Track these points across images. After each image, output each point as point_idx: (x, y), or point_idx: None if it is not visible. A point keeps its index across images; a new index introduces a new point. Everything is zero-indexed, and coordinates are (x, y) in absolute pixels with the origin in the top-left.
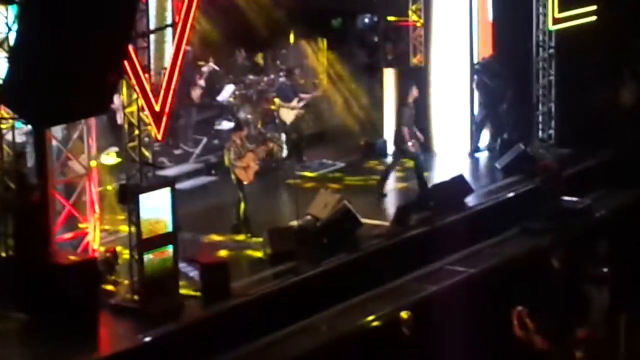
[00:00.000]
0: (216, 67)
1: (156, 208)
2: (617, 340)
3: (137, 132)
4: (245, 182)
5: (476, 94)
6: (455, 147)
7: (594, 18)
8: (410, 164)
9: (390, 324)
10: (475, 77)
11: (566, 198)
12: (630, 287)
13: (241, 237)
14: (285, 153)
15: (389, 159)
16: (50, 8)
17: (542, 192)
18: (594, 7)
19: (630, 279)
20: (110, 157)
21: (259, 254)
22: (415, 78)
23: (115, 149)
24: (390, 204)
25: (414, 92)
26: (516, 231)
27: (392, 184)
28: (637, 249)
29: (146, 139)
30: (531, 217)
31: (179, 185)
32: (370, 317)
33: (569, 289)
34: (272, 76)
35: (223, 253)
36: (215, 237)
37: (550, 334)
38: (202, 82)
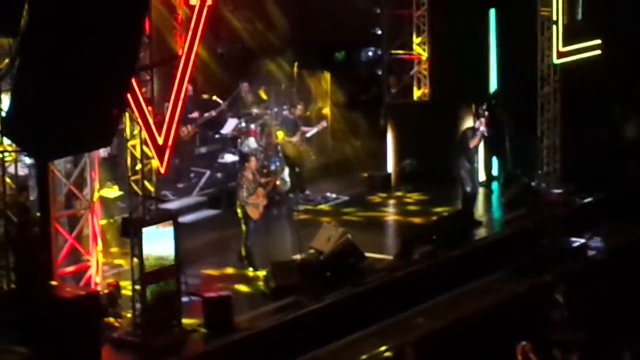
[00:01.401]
0: (220, 101)
1: (159, 241)
2: None
3: (139, 165)
4: (253, 219)
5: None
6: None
7: (598, 52)
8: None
9: (394, 359)
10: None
11: (561, 237)
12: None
13: (244, 271)
14: (288, 186)
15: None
16: (54, 40)
17: (536, 230)
18: (598, 41)
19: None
20: (112, 191)
21: (262, 288)
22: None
23: (109, 183)
24: (394, 238)
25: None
26: (508, 272)
27: (396, 217)
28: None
29: (149, 172)
30: (525, 256)
31: (181, 219)
32: (373, 352)
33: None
34: (275, 109)
35: (225, 287)
36: (218, 271)
37: None
38: (198, 121)
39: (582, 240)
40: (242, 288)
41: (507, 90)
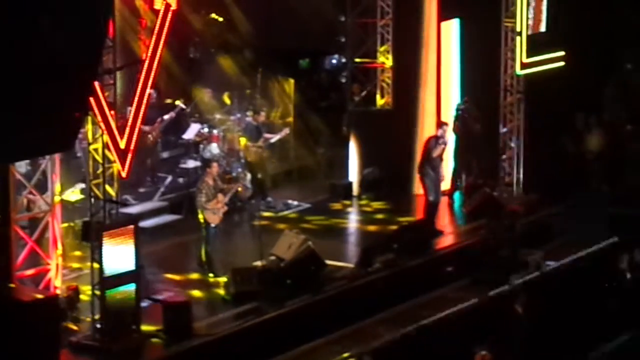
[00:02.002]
0: (183, 106)
1: (119, 246)
2: None
3: (101, 169)
4: (212, 225)
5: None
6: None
7: (561, 64)
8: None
9: None
10: (456, 121)
11: (523, 248)
12: None
13: (204, 276)
14: (250, 193)
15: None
16: (15, 42)
17: (499, 240)
18: (562, 53)
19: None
20: (74, 194)
21: (222, 294)
22: None
23: (82, 185)
24: (355, 246)
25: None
26: (467, 282)
27: (357, 225)
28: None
29: (110, 176)
30: (485, 266)
31: (142, 223)
32: None
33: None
34: (238, 115)
35: (185, 292)
36: (178, 276)
37: None
38: (160, 127)
39: (539, 253)
40: (202, 294)
41: (469, 100)
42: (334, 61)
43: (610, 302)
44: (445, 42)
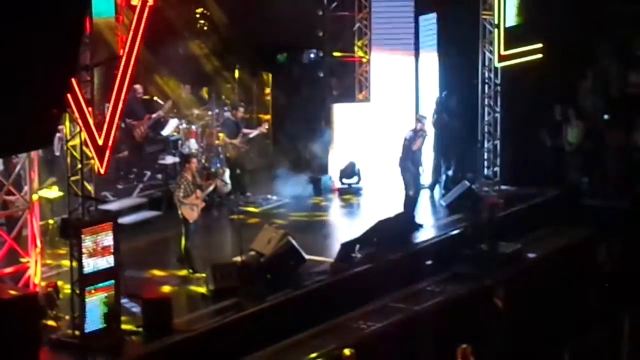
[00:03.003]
0: (160, 102)
1: (98, 243)
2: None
3: (79, 166)
4: (190, 221)
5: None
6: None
7: (539, 56)
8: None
9: None
10: (435, 115)
11: (499, 242)
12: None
13: (184, 272)
14: (229, 188)
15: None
16: None
17: (474, 235)
18: (539, 45)
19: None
20: (52, 191)
21: (202, 290)
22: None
23: (53, 179)
24: (335, 241)
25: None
26: (447, 275)
27: (336, 220)
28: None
29: (88, 173)
30: (463, 260)
31: (121, 220)
32: (313, 355)
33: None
34: (216, 111)
35: (165, 289)
36: (158, 273)
37: None
38: (148, 123)
39: (519, 245)
40: (182, 290)
41: (449, 94)
42: (311, 55)
43: (588, 293)
44: (423, 37)
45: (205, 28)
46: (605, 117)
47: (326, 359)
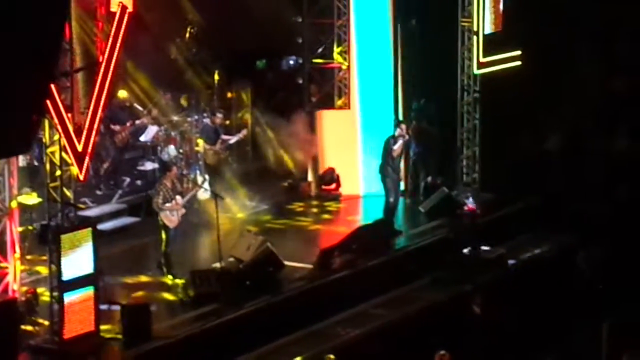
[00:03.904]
0: (140, 108)
1: (77, 249)
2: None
3: (58, 172)
4: (170, 227)
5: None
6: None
7: (518, 63)
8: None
9: None
10: (413, 121)
11: (481, 247)
12: None
13: (163, 278)
14: (208, 194)
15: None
16: None
17: (455, 240)
18: (518, 53)
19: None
20: (31, 198)
21: (181, 296)
22: None
23: (27, 189)
24: (314, 247)
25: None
26: (428, 281)
27: (316, 226)
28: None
29: (68, 179)
30: (442, 266)
31: (100, 226)
32: None
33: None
34: (196, 117)
35: (144, 295)
36: (137, 279)
37: None
38: (130, 129)
39: (501, 251)
40: (161, 296)
41: (428, 100)
42: (291, 62)
43: (567, 299)
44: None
45: (185, 35)
46: (587, 124)
47: None
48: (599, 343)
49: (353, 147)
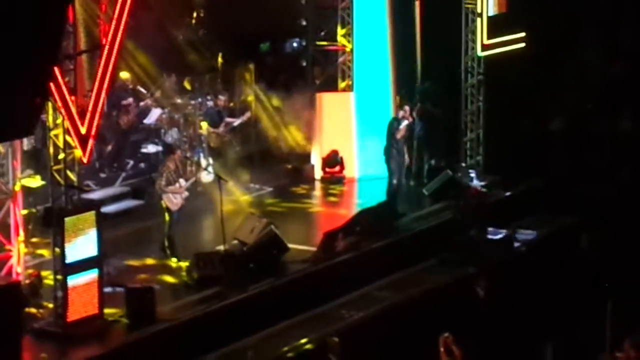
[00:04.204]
0: (143, 90)
1: (81, 232)
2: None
3: (62, 154)
4: (173, 209)
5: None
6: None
7: (522, 45)
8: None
9: (317, 350)
10: (418, 103)
11: (487, 228)
12: None
13: (167, 261)
14: (212, 177)
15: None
16: None
17: (462, 221)
18: (522, 34)
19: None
20: (35, 180)
21: (185, 279)
22: None
23: (30, 171)
24: (318, 230)
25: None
26: (434, 262)
27: (320, 209)
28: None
29: (71, 162)
30: (449, 248)
31: (104, 209)
32: (297, 343)
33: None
34: (199, 100)
35: (149, 277)
36: (141, 262)
37: None
38: (134, 111)
39: (506, 232)
40: (165, 278)
41: (432, 82)
42: (295, 44)
43: (571, 282)
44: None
45: (188, 17)
46: (589, 106)
47: (310, 348)
48: (603, 325)
49: (349, 129)
